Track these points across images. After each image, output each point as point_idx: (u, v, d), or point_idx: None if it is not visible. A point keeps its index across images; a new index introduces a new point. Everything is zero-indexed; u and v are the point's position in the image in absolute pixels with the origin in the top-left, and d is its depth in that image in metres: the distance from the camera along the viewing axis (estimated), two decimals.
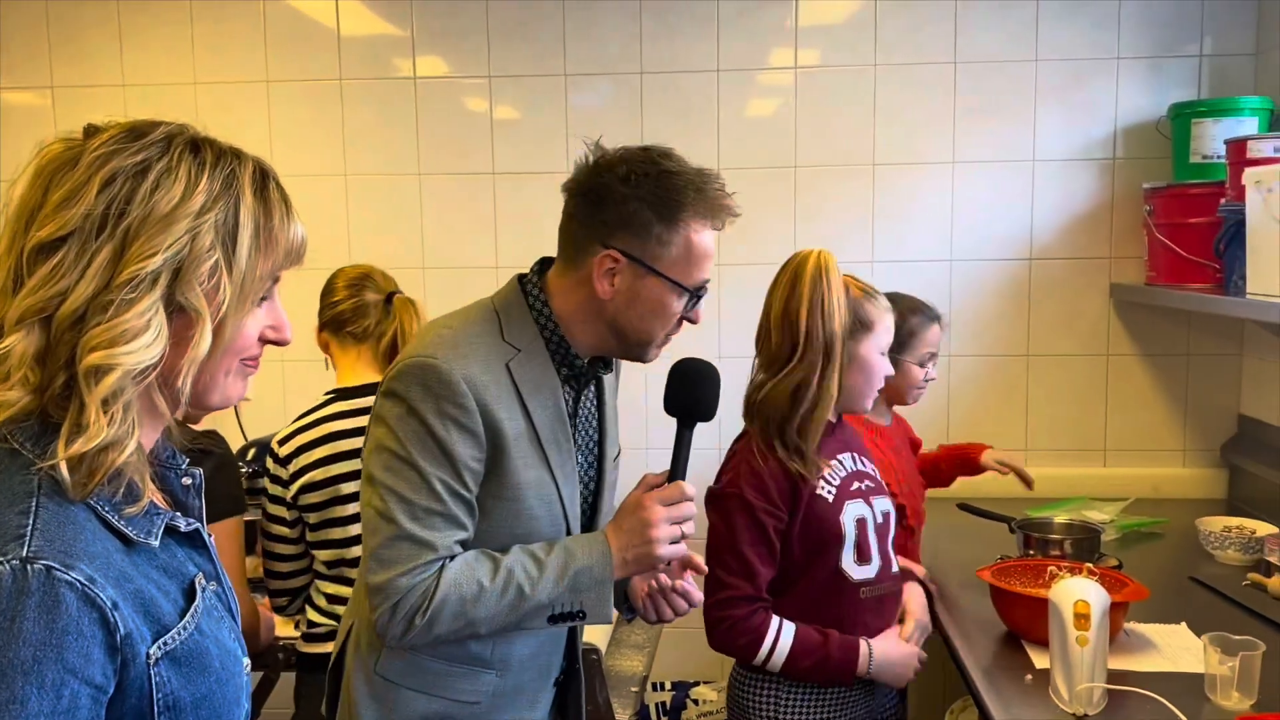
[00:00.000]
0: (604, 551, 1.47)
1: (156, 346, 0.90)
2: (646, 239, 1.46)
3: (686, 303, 1.51)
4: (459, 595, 1.42)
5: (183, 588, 0.97)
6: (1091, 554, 2.33)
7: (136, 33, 3.16)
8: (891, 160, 3.03)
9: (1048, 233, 3.03)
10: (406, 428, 1.42)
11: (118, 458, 0.89)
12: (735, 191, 1.52)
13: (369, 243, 3.10)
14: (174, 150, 0.93)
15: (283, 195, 1.01)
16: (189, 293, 0.91)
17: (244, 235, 0.95)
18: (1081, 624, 1.69)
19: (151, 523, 0.95)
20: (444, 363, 1.43)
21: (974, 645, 2.04)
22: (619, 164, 1.47)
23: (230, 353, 0.97)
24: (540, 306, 1.53)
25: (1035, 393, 3.08)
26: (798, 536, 1.85)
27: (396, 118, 3.12)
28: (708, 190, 1.47)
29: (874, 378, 1.94)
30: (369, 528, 1.45)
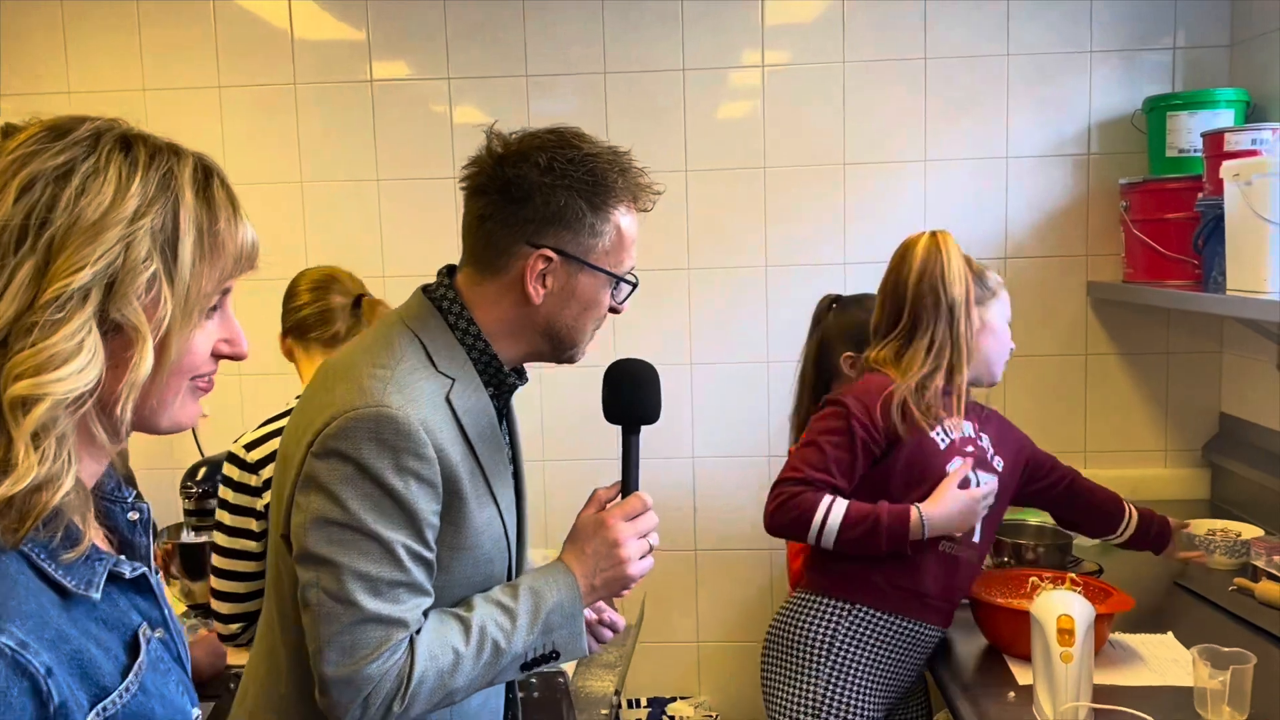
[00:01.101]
0: (570, 583, 1.35)
1: (91, 371, 0.80)
2: (579, 231, 1.33)
3: (618, 294, 1.41)
4: (437, 669, 1.26)
5: (124, 641, 0.87)
6: (1064, 557, 2.27)
7: (82, 39, 3.05)
8: (863, 159, 2.96)
9: (1023, 231, 2.97)
10: (357, 491, 1.24)
11: (52, 498, 0.79)
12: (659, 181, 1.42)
13: (327, 251, 2.99)
14: (102, 149, 0.83)
15: (229, 195, 0.91)
16: (125, 308, 0.82)
17: (185, 241, 0.85)
18: (1065, 640, 1.62)
19: (93, 570, 0.85)
20: (399, 410, 1.25)
21: (954, 660, 1.98)
22: (534, 152, 1.32)
23: (178, 372, 0.88)
24: (464, 325, 1.36)
25: (1013, 394, 3.01)
26: (900, 468, 1.91)
27: (353, 122, 3.03)
28: (630, 170, 1.37)
29: (1004, 342, 2.02)
30: (320, 613, 1.24)
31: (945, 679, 1.91)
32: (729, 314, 3.02)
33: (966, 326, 1.94)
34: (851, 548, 1.86)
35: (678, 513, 3.06)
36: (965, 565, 1.96)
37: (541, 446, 3.03)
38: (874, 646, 1.93)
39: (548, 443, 3.03)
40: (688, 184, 2.98)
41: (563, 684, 2.13)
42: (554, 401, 3.02)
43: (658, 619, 3.03)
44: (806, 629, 1.95)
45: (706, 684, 3.15)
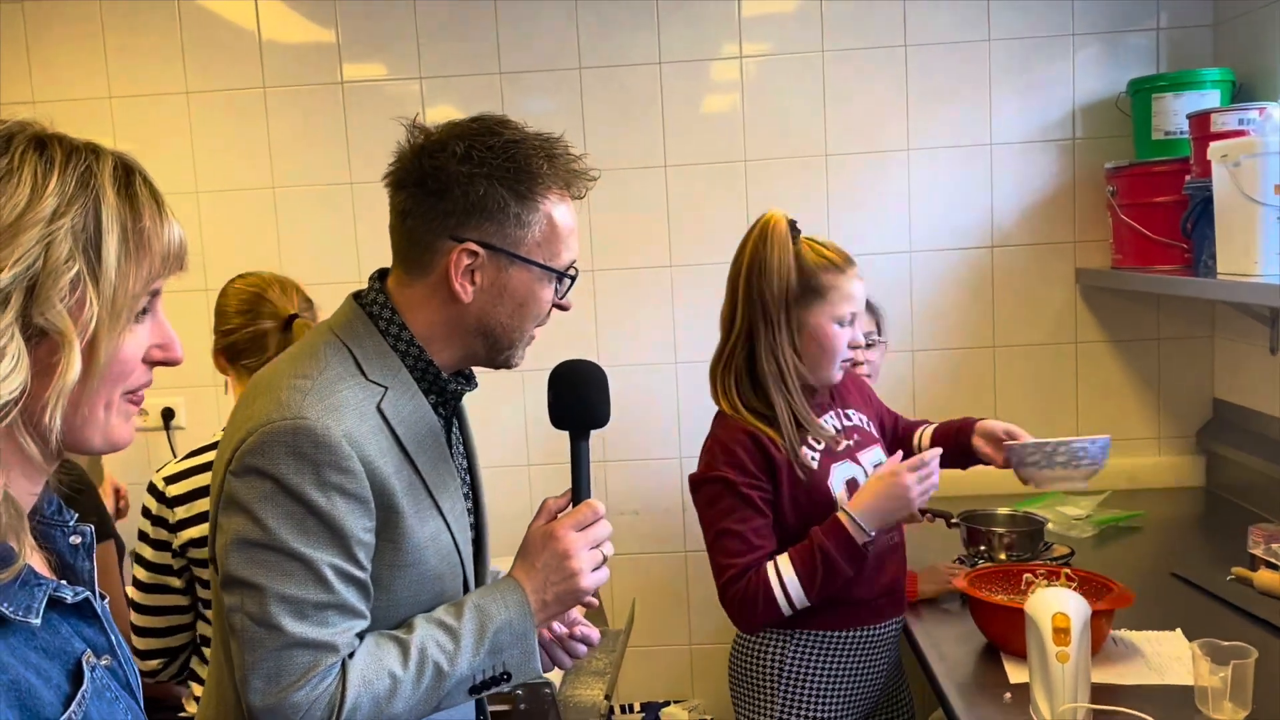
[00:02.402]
0: (520, 600, 1.27)
1: (15, 378, 0.76)
2: (504, 222, 1.25)
3: (556, 288, 1.32)
4: (371, 695, 1.18)
5: (67, 669, 0.82)
6: (1036, 544, 2.25)
7: (45, 47, 2.99)
8: (845, 150, 2.91)
9: (1009, 219, 2.92)
10: (277, 510, 1.17)
11: None
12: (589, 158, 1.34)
13: (301, 257, 2.95)
14: (15, 150, 0.80)
15: (153, 192, 0.87)
16: (49, 312, 0.78)
17: (109, 240, 0.81)
18: (1061, 639, 1.57)
19: (31, 596, 0.79)
20: (317, 421, 1.18)
21: (948, 658, 1.93)
22: (453, 141, 1.25)
23: (109, 379, 0.83)
24: (396, 331, 1.28)
25: (1003, 385, 2.98)
26: (788, 504, 1.84)
27: (325, 125, 2.97)
28: (558, 156, 1.29)
29: (827, 350, 1.87)
30: (244, 639, 1.18)
31: (939, 678, 1.86)
32: (714, 311, 2.95)
33: (782, 334, 1.83)
34: (826, 588, 1.80)
35: (667, 514, 3.02)
36: (889, 552, 1.93)
37: (526, 451, 2.98)
38: (824, 666, 1.91)
39: (531, 447, 2.98)
40: (668, 179, 2.93)
41: (549, 695, 2.08)
42: (538, 403, 2.96)
43: (649, 622, 2.98)
44: (755, 664, 1.94)
45: (700, 687, 3.10)
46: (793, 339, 1.84)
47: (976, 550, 2.27)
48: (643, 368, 2.95)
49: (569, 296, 1.36)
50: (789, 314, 1.84)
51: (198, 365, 3.07)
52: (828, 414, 1.93)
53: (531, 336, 1.36)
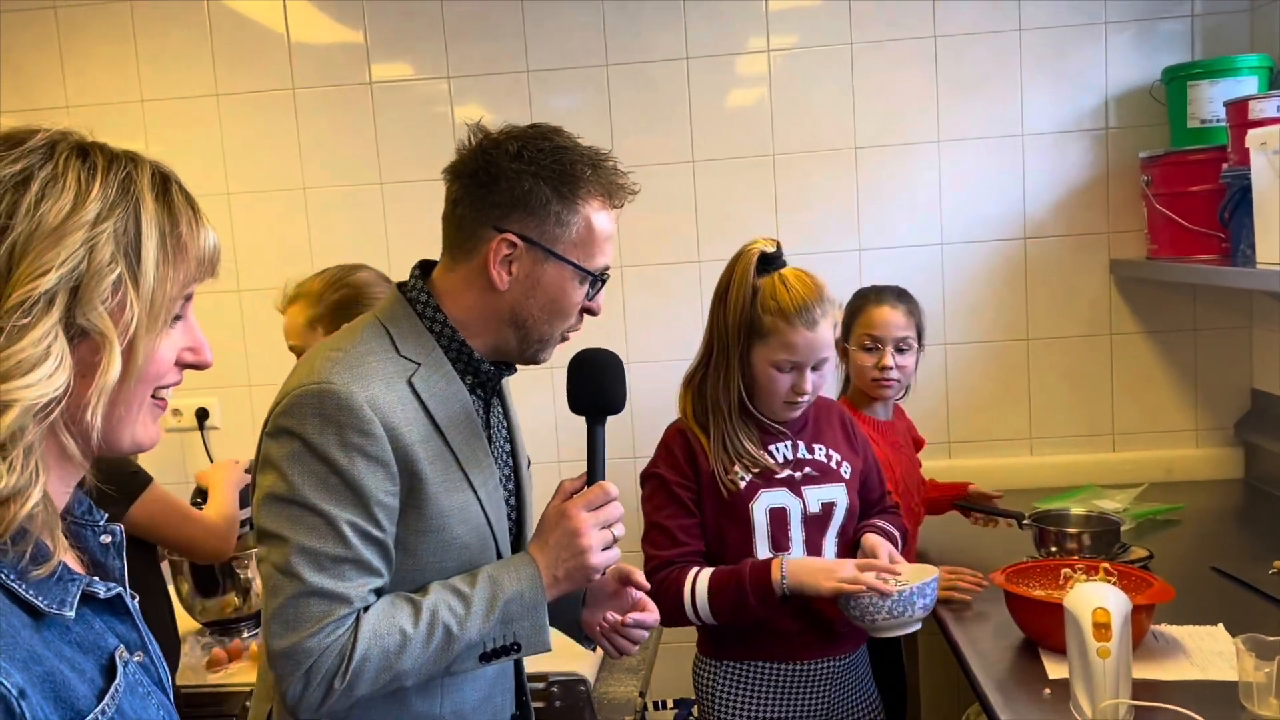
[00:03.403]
0: (532, 574, 1.34)
1: (59, 377, 0.79)
2: (545, 218, 1.34)
3: (588, 290, 1.40)
4: (381, 649, 1.26)
5: (100, 664, 0.84)
6: (1110, 546, 2.19)
7: (78, 52, 3.01)
8: (874, 143, 2.89)
9: (1042, 210, 2.89)
10: (302, 467, 1.25)
11: (20, 511, 0.77)
12: (632, 173, 1.41)
13: (332, 257, 2.92)
14: (59, 156, 0.82)
15: (188, 199, 0.90)
16: (91, 313, 0.81)
17: (148, 245, 0.84)
18: (1102, 634, 1.55)
19: (65, 590, 0.82)
20: (342, 386, 1.26)
21: (986, 654, 1.90)
22: (508, 141, 1.35)
23: (144, 380, 0.86)
24: (432, 314, 1.37)
25: (1037, 378, 2.95)
26: (709, 513, 1.88)
27: (354, 125, 2.98)
28: (603, 166, 1.38)
29: (765, 390, 1.86)
30: (268, 587, 1.27)
31: (976, 674, 1.85)
32: None
33: (732, 364, 1.85)
34: (727, 615, 1.82)
35: None
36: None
37: (556, 448, 2.98)
38: (750, 697, 1.91)
39: (562, 443, 2.98)
40: (695, 175, 2.92)
41: (584, 691, 2.08)
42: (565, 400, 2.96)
43: None
44: (699, 687, 1.98)
45: None
46: (742, 370, 1.85)
47: (1048, 553, 2.21)
48: (671, 364, 2.93)
49: (599, 302, 1.42)
50: (742, 346, 1.84)
51: (231, 366, 3.11)
52: (782, 442, 1.90)
53: (563, 337, 1.43)
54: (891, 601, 1.74)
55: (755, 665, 1.91)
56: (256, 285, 3.03)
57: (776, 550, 1.87)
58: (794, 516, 1.88)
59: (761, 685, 1.91)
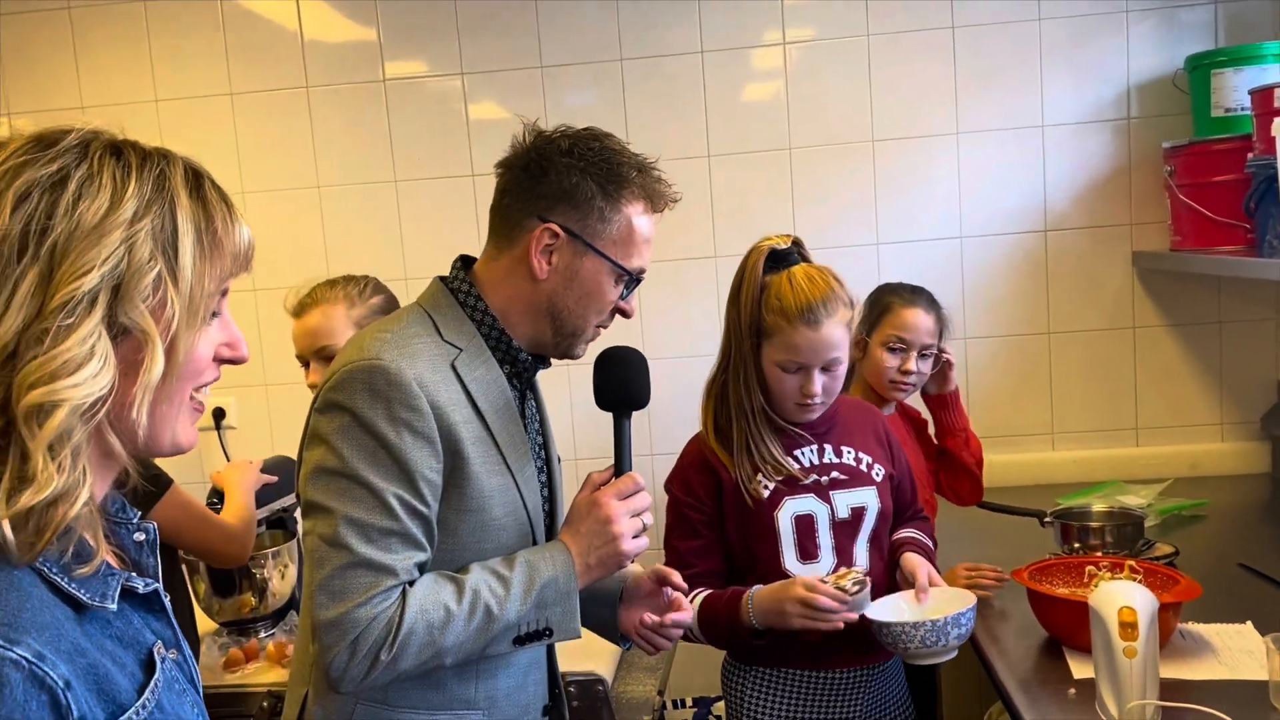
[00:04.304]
0: (566, 561, 1.37)
1: (105, 376, 0.79)
2: (588, 213, 1.39)
3: (623, 289, 1.45)
4: (426, 624, 1.28)
5: (140, 659, 0.86)
6: (1135, 542, 2.16)
7: (92, 53, 3.02)
8: (892, 135, 2.86)
9: (1063, 202, 2.85)
10: (352, 441, 1.28)
11: (69, 511, 0.78)
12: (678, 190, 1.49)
13: (347, 256, 2.95)
14: (93, 155, 0.83)
15: (221, 195, 0.90)
16: (132, 311, 0.81)
17: (185, 242, 0.84)
18: (1128, 634, 1.52)
19: (106, 585, 0.84)
20: (392, 363, 1.30)
21: (1009, 653, 1.88)
22: (561, 138, 1.42)
23: (185, 377, 0.87)
24: (473, 302, 1.42)
25: (1059, 372, 2.91)
26: (733, 528, 1.85)
27: (368, 123, 2.97)
28: (649, 171, 1.44)
29: (775, 392, 1.82)
30: (315, 559, 1.29)
31: (999, 673, 1.82)
32: None
33: (747, 365, 1.81)
34: (720, 645, 1.83)
35: None
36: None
37: (574, 446, 2.96)
38: (778, 705, 1.88)
39: (579, 441, 2.96)
40: (711, 170, 2.90)
41: (602, 691, 2.07)
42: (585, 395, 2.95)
43: None
44: (728, 692, 1.95)
45: None
46: (757, 371, 1.82)
47: (1072, 549, 2.17)
48: (687, 359, 2.91)
49: (632, 303, 1.48)
50: (752, 346, 1.81)
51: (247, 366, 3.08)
52: (807, 446, 1.86)
53: (596, 333, 1.48)
54: (925, 630, 1.69)
55: (785, 673, 1.88)
56: (272, 285, 3.02)
57: (805, 560, 1.82)
58: (822, 523, 1.83)
59: (791, 693, 1.88)
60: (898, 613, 1.77)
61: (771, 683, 1.88)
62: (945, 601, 1.76)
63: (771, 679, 1.88)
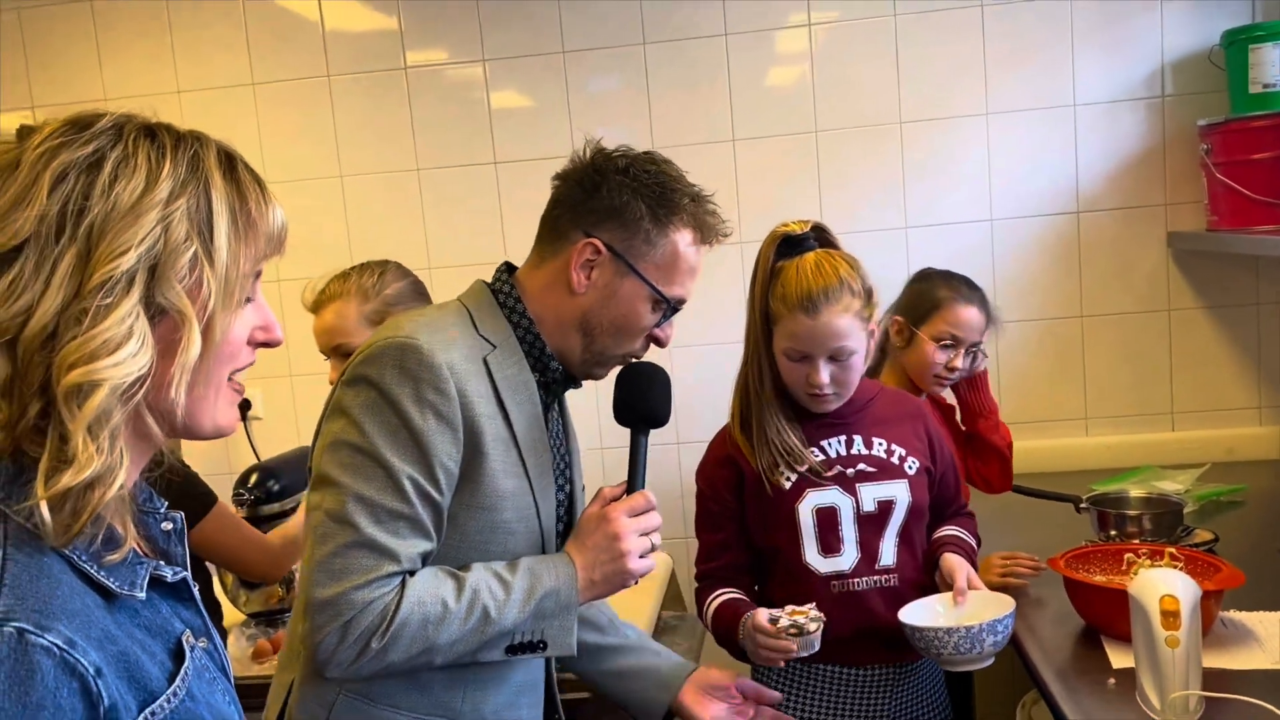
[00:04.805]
0: (569, 574, 1.34)
1: (143, 356, 0.80)
2: (634, 234, 1.39)
3: (660, 317, 1.43)
4: (421, 616, 1.25)
5: (169, 648, 0.86)
6: (1174, 529, 2.11)
7: (115, 46, 3.02)
8: (920, 117, 2.81)
9: (1095, 183, 2.79)
10: (375, 417, 1.26)
11: (106, 493, 0.79)
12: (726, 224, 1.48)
13: (369, 246, 2.93)
14: (128, 137, 0.83)
15: (255, 177, 0.91)
16: (169, 292, 0.82)
17: (220, 222, 0.85)
18: (1170, 622, 1.49)
19: (135, 573, 0.84)
20: (425, 344, 1.28)
21: (1046, 642, 1.84)
22: (619, 157, 1.42)
23: (222, 359, 0.87)
24: (512, 304, 1.41)
25: (1092, 357, 2.86)
26: (754, 520, 1.83)
27: (389, 112, 2.95)
28: (703, 202, 1.43)
29: (788, 380, 1.79)
30: (317, 534, 1.26)
31: (1036, 663, 1.78)
32: None
33: (762, 353, 1.79)
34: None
35: None
36: (882, 594, 1.80)
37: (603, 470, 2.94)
38: (809, 701, 1.85)
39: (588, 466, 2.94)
40: (735, 154, 2.86)
41: None
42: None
43: None
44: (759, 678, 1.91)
45: None
46: (770, 360, 1.79)
47: (1108, 536, 2.13)
48: (714, 348, 2.89)
49: (667, 332, 1.46)
50: (765, 334, 1.79)
51: (272, 357, 3.10)
52: (835, 437, 1.82)
53: (621, 359, 1.46)
54: (959, 637, 1.64)
55: (816, 668, 1.84)
56: (296, 275, 3.02)
57: (828, 553, 1.79)
58: (846, 516, 1.79)
59: (821, 689, 1.85)
60: (933, 617, 1.73)
61: (801, 678, 1.86)
62: (984, 606, 1.71)
63: (801, 674, 1.86)
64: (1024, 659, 1.83)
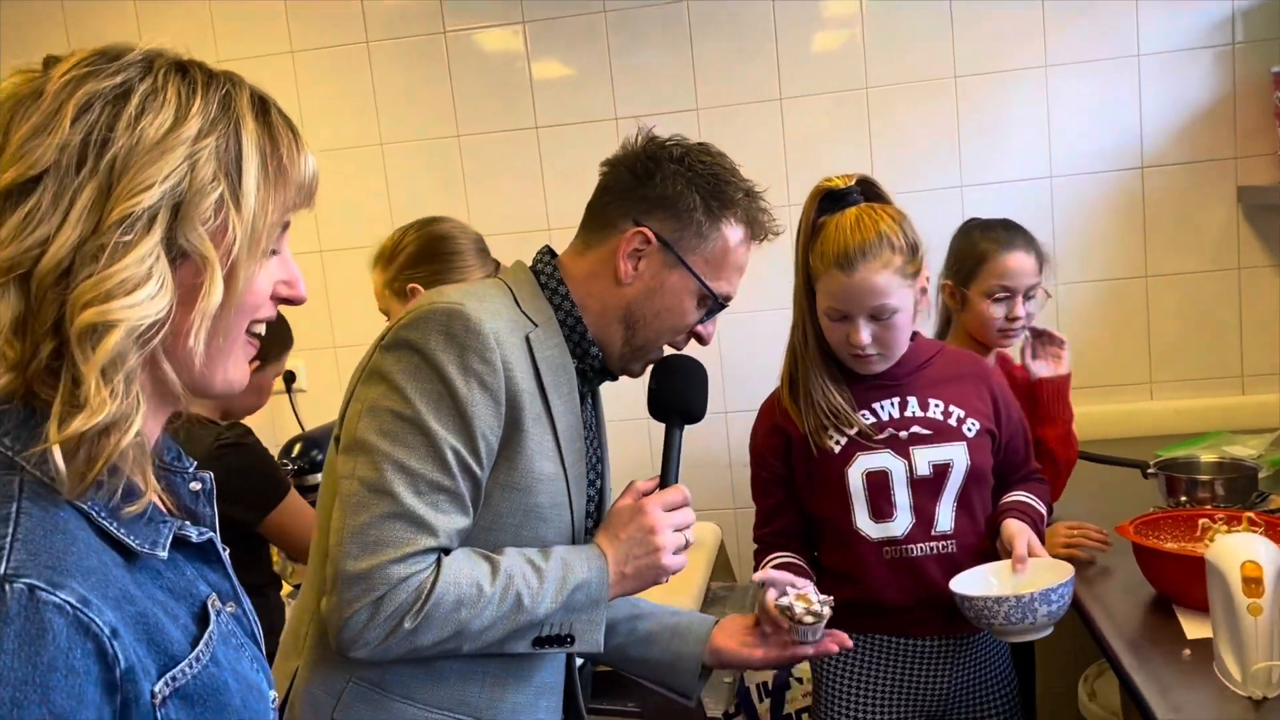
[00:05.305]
0: (601, 567, 1.28)
1: (162, 299, 0.76)
2: (686, 225, 1.34)
3: (705, 313, 1.39)
4: (455, 598, 1.18)
5: (193, 611, 0.83)
6: (1247, 495, 2.02)
7: (154, 16, 2.99)
8: (975, 71, 2.71)
9: (1160, 136, 2.68)
10: (419, 383, 1.20)
11: (121, 440, 0.75)
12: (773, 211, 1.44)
13: (411, 213, 2.88)
14: (158, 71, 0.80)
15: (288, 123, 0.87)
16: (192, 234, 0.78)
17: (249, 165, 0.81)
18: (1252, 589, 1.40)
19: (157, 531, 0.80)
20: (473, 312, 1.23)
21: (1115, 612, 1.77)
22: (674, 146, 1.37)
23: (243, 309, 0.83)
24: (554, 285, 1.37)
25: (1157, 317, 2.75)
26: (804, 485, 1.79)
27: (429, 78, 2.90)
28: (756, 198, 1.39)
29: (831, 340, 1.73)
30: (350, 504, 1.18)
31: (1106, 635, 1.71)
32: None
33: (805, 312, 1.74)
34: None
35: None
36: (939, 561, 1.73)
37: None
38: (864, 672, 1.80)
39: None
40: (783, 114, 2.78)
41: None
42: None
43: None
44: (828, 667, 1.86)
45: None
46: (813, 320, 1.74)
47: (1178, 503, 2.04)
48: (758, 314, 2.82)
49: (710, 329, 1.42)
50: (808, 293, 1.74)
51: (316, 327, 3.08)
52: (888, 399, 1.75)
53: (659, 353, 1.42)
54: (1009, 606, 1.57)
55: (871, 639, 1.79)
56: (338, 245, 3.00)
57: (879, 519, 1.73)
58: (898, 480, 1.73)
59: (876, 660, 1.80)
60: (985, 586, 1.66)
61: (855, 649, 1.80)
62: (1044, 574, 1.63)
63: (857, 644, 1.80)
64: (1091, 630, 1.75)
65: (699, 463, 2.86)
